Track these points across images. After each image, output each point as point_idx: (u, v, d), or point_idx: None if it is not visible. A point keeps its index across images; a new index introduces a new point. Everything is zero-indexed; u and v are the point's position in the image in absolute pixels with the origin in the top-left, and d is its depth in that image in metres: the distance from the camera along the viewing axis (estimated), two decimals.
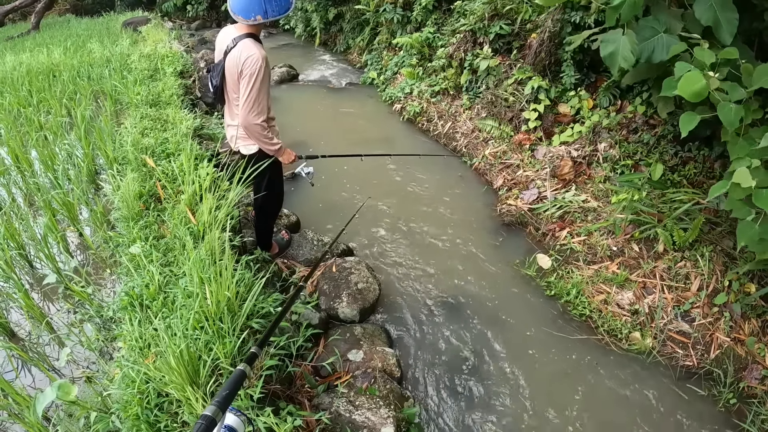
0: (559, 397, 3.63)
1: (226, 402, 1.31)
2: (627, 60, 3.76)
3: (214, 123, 6.51)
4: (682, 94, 3.15)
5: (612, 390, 3.70)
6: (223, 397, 1.31)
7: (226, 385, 1.39)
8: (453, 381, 3.75)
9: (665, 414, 3.54)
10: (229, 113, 3.81)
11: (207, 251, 3.11)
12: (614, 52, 3.83)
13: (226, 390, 1.35)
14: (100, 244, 4.25)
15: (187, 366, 2.39)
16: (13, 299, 3.76)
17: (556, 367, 3.87)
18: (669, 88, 3.45)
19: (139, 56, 8.41)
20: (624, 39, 3.78)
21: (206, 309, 2.71)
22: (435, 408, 3.57)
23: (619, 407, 3.58)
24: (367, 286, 4.28)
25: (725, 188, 3.19)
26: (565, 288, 4.43)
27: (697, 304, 4.07)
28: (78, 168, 5.21)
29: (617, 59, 3.81)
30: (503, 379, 3.76)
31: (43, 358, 3.34)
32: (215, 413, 1.25)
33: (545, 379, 3.77)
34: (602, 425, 3.44)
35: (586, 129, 5.63)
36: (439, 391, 3.68)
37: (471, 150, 6.71)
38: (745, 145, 3.18)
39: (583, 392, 3.67)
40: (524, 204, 5.48)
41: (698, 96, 3.12)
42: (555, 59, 6.10)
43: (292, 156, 3.88)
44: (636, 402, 3.62)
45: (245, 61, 3.32)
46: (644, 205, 4.62)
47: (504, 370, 3.83)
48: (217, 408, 1.26)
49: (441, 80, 7.65)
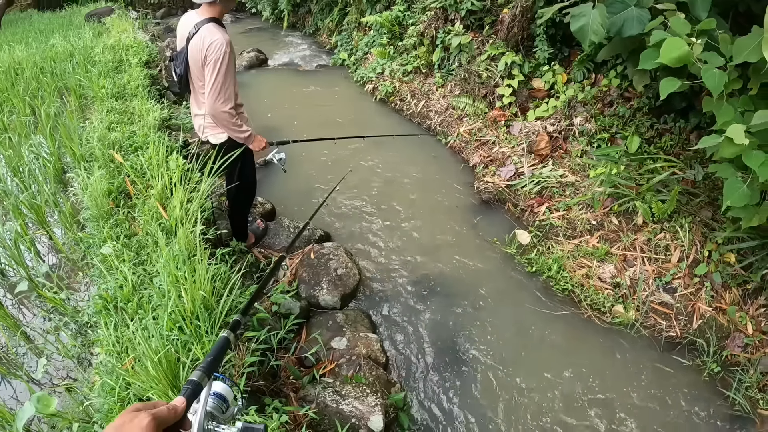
0: (544, 373, 3.63)
1: (211, 367, 1.25)
2: (597, 33, 3.71)
3: (182, 113, 6.36)
4: (664, 61, 3.11)
5: (597, 363, 3.71)
6: (208, 362, 1.27)
7: (211, 352, 1.34)
8: (438, 363, 3.73)
9: (651, 385, 3.56)
10: (195, 102, 3.70)
11: (180, 247, 3.02)
12: (584, 26, 3.77)
13: (210, 356, 1.31)
14: (71, 246, 4.13)
15: (166, 370, 2.32)
16: None
17: (541, 343, 3.87)
18: (647, 59, 3.40)
19: (103, 48, 8.18)
20: (594, 12, 3.73)
21: (182, 308, 2.63)
22: (422, 391, 3.55)
23: (605, 380, 3.59)
24: (347, 271, 4.23)
25: (718, 140, 3.16)
26: (547, 264, 4.42)
27: (678, 275, 4.09)
28: (45, 168, 5.05)
29: (587, 33, 3.76)
30: (488, 358, 3.75)
31: (21, 370, 3.22)
32: (201, 378, 1.20)
33: (530, 355, 3.77)
34: (589, 399, 3.45)
35: (561, 103, 5.60)
36: (425, 374, 3.66)
37: (446, 128, 6.66)
38: (731, 109, 3.16)
39: (569, 367, 3.68)
40: (502, 181, 5.45)
41: (680, 61, 3.08)
42: (528, 34, 6.04)
43: (263, 143, 3.79)
44: (621, 374, 3.64)
45: (209, 47, 3.21)
46: (622, 178, 4.62)
47: (489, 348, 3.82)
48: (202, 373, 1.21)
49: (413, 59, 7.55)
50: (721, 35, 3.22)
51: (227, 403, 1.24)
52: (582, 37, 3.80)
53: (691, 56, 3.09)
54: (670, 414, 3.38)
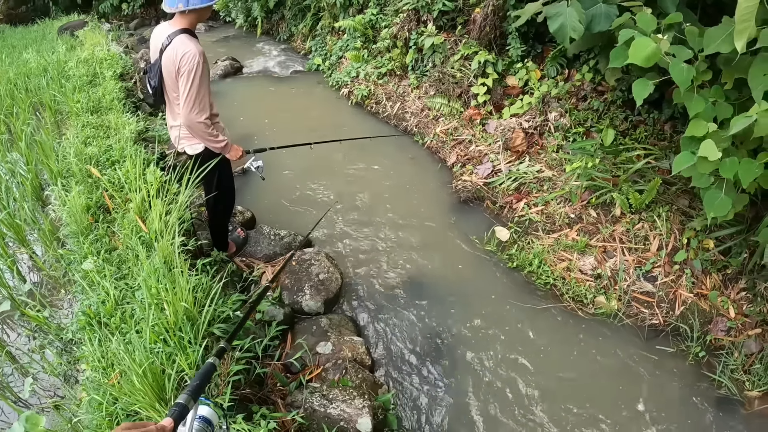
0: (530, 367, 3.67)
1: (197, 392, 1.32)
2: (576, 30, 3.76)
3: (158, 125, 6.32)
4: (634, 61, 3.16)
5: (582, 355, 3.76)
6: (194, 387, 1.34)
7: (196, 377, 1.41)
8: (424, 362, 3.76)
9: (637, 373, 3.62)
10: (171, 113, 3.69)
11: (161, 259, 3.02)
12: (563, 25, 3.82)
13: (196, 381, 1.38)
14: (52, 263, 4.10)
15: (152, 383, 2.32)
16: None
17: (525, 337, 3.91)
18: (617, 58, 3.45)
19: (76, 62, 8.10)
20: (570, 10, 3.78)
21: (165, 320, 2.63)
22: (409, 391, 3.57)
23: (591, 371, 3.64)
24: (329, 276, 4.24)
25: (691, 161, 3.22)
26: (527, 259, 4.47)
27: (658, 264, 4.16)
28: (22, 186, 5.00)
29: (566, 31, 3.81)
30: (473, 354, 3.78)
31: (7, 390, 3.20)
32: (187, 400, 1.27)
33: (515, 350, 3.80)
34: (576, 391, 3.50)
35: (535, 100, 5.66)
36: (411, 374, 3.68)
37: (422, 129, 6.69)
38: (701, 100, 3.22)
39: (555, 360, 3.73)
40: (479, 179, 5.49)
41: (650, 60, 3.14)
42: (500, 32, 6.09)
43: (239, 152, 3.79)
44: (607, 364, 3.69)
45: (182, 58, 3.21)
46: (598, 170, 4.68)
47: (472, 346, 3.85)
48: (188, 396, 1.28)
49: (387, 61, 7.59)
50: (688, 28, 3.28)
51: (212, 426, 1.28)
52: (562, 36, 3.84)
53: (660, 53, 3.15)
54: (658, 399, 3.44)
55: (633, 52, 3.18)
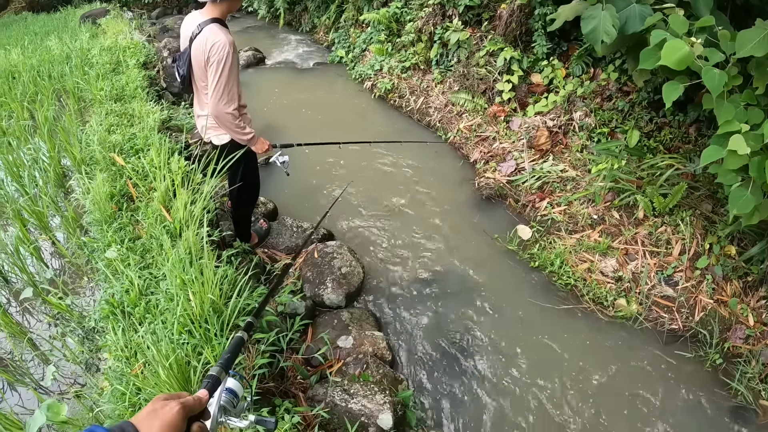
0: (549, 367, 3.66)
1: (228, 364, 1.37)
2: (609, 34, 3.69)
3: (182, 113, 6.34)
4: (666, 63, 3.10)
5: (601, 357, 3.73)
6: (226, 359, 1.39)
7: (227, 349, 1.46)
8: (443, 359, 3.75)
9: (654, 377, 3.59)
10: (198, 103, 3.68)
11: (186, 250, 3.02)
12: (596, 28, 3.76)
13: (227, 353, 1.43)
14: (74, 250, 4.11)
15: (177, 375, 2.32)
16: None
17: (545, 337, 3.88)
18: (648, 59, 3.39)
19: (99, 50, 8.13)
20: (604, 14, 3.72)
21: (190, 312, 2.63)
22: (428, 388, 3.57)
23: (609, 374, 3.61)
24: (351, 269, 4.23)
25: (720, 155, 3.17)
26: (549, 258, 4.43)
27: (679, 268, 4.11)
28: (45, 173, 5.02)
29: (599, 34, 3.74)
30: (493, 353, 3.77)
31: (28, 377, 3.20)
32: (219, 372, 1.32)
33: (534, 350, 3.78)
34: (593, 392, 3.48)
35: (560, 98, 5.60)
36: (431, 370, 3.67)
37: (445, 124, 6.65)
38: (731, 107, 3.16)
39: (573, 361, 3.70)
40: (502, 176, 5.45)
41: (682, 63, 3.07)
42: (526, 29, 6.04)
43: (266, 145, 3.76)
44: (625, 367, 3.66)
45: (211, 47, 3.19)
46: (623, 172, 4.63)
47: (493, 344, 3.84)
48: (220, 368, 1.33)
49: (411, 55, 7.54)
50: (721, 32, 3.22)
51: (238, 398, 1.33)
52: (594, 39, 3.78)
53: (692, 56, 3.09)
54: (672, 403, 3.42)
55: (665, 54, 3.12)
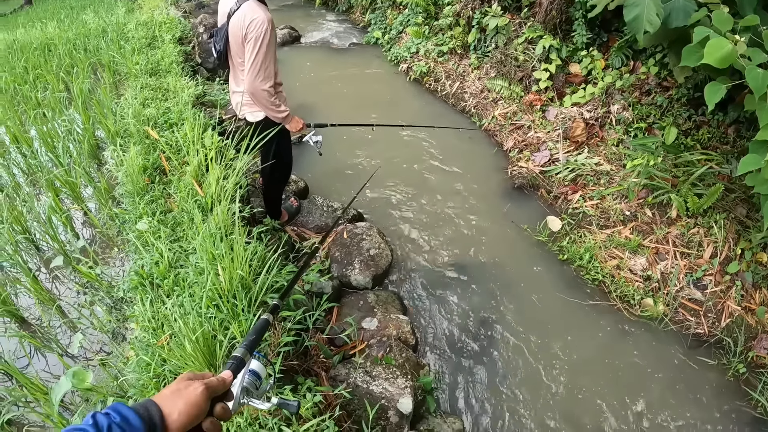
0: (570, 361, 3.63)
1: (252, 346, 1.36)
2: (653, 24, 3.58)
3: (216, 90, 6.35)
4: (708, 61, 3.00)
5: (624, 356, 3.70)
6: (250, 341, 1.37)
7: (251, 331, 1.44)
8: (466, 347, 3.74)
9: (674, 380, 3.54)
10: (234, 79, 3.68)
11: (216, 224, 3.04)
12: (639, 16, 3.64)
13: (252, 335, 1.41)
14: (106, 221, 4.15)
15: (203, 348, 2.34)
16: (21, 284, 3.64)
17: (569, 332, 3.85)
18: (690, 56, 3.29)
19: (135, 24, 8.17)
20: (649, 2, 3.61)
21: (219, 286, 2.65)
22: (449, 375, 3.57)
23: (630, 373, 3.58)
24: (379, 252, 4.23)
25: (758, 164, 3.09)
26: (578, 252, 4.37)
27: (709, 272, 4.02)
28: (79, 144, 5.07)
29: (642, 23, 3.63)
30: (516, 344, 3.75)
31: (55, 343, 3.25)
32: (244, 354, 1.31)
33: (557, 344, 3.76)
34: (612, 391, 3.46)
35: (598, 90, 5.49)
36: (453, 357, 3.67)
37: (480, 110, 6.56)
38: None
39: (595, 357, 3.68)
40: (536, 166, 5.38)
41: (725, 62, 2.98)
42: (566, 17, 5.91)
43: (300, 124, 3.77)
44: (646, 368, 3.62)
45: (249, 23, 3.18)
46: (658, 169, 4.53)
47: (517, 335, 3.82)
48: (245, 350, 1.32)
49: (448, 39, 7.42)
50: (765, 31, 3.13)
51: (261, 379, 1.32)
52: (636, 27, 3.67)
53: (735, 55, 3.00)
54: (691, 410, 3.37)
55: (708, 51, 3.03)
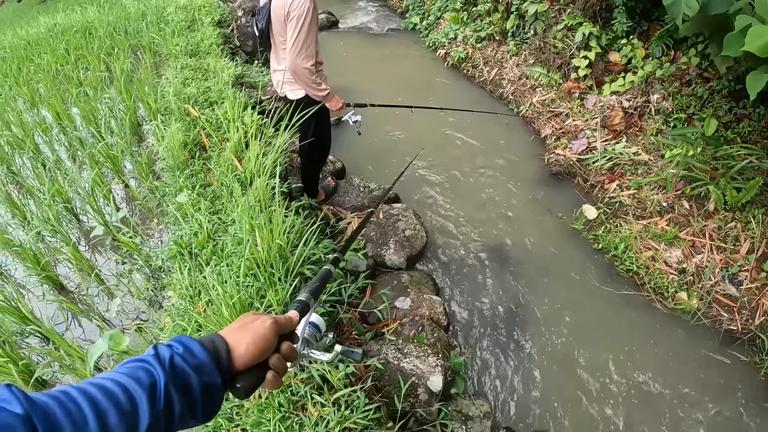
0: (600, 351, 3.61)
1: (316, 292, 1.29)
2: (691, 7, 3.52)
3: (255, 71, 6.43)
4: (750, 49, 2.94)
5: (654, 348, 3.66)
6: (315, 287, 1.30)
7: (316, 279, 1.36)
8: (497, 330, 3.76)
9: (705, 376, 3.49)
10: (276, 58, 3.74)
11: (256, 197, 3.09)
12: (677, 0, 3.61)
13: (317, 282, 1.33)
14: (146, 194, 4.26)
15: (240, 314, 2.39)
16: (62, 253, 3.77)
17: (600, 321, 3.83)
18: (731, 45, 3.22)
19: (175, 8, 8.28)
20: None
21: (257, 256, 2.70)
22: (479, 357, 3.59)
23: (661, 366, 3.54)
24: (415, 233, 4.25)
25: None
26: (613, 242, 4.33)
27: (745, 267, 3.94)
28: (120, 121, 5.20)
29: (681, 7, 3.57)
30: (546, 331, 3.75)
31: (93, 310, 3.36)
32: (308, 299, 1.24)
33: (588, 333, 3.74)
34: (640, 382, 3.43)
35: (638, 79, 5.40)
36: (483, 340, 3.69)
37: (518, 97, 6.51)
38: None
39: (626, 347, 3.65)
40: (573, 154, 5.34)
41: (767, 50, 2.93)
42: (606, 5, 5.83)
43: (340, 103, 3.81)
44: (677, 362, 3.57)
45: (292, 2, 3.22)
46: (697, 161, 4.45)
47: (547, 322, 3.82)
48: (309, 294, 1.26)
49: (486, 25, 7.36)
50: None
51: (320, 332, 1.29)
52: (675, 12, 3.61)
53: None
54: (721, 407, 3.32)
55: (750, 39, 2.96)
